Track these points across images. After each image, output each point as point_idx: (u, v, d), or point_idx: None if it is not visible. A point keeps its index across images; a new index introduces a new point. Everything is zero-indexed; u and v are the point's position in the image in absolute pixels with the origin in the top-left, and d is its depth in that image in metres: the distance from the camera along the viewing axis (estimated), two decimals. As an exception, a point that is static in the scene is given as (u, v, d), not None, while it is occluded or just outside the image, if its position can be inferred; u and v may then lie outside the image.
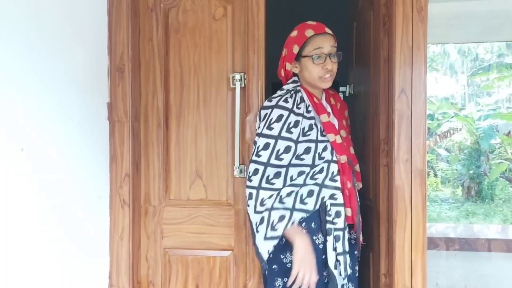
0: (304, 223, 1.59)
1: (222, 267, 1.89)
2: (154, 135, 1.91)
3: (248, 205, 1.56)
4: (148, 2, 1.91)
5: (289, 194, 1.57)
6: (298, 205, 1.58)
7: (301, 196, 1.59)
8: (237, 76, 1.83)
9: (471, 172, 9.94)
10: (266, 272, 1.66)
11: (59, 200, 1.55)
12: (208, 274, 1.89)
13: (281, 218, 1.53)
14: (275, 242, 1.52)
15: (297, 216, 1.57)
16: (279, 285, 1.60)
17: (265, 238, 1.52)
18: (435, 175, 11.54)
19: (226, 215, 1.88)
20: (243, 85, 1.84)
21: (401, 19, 1.65)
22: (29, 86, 1.40)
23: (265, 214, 1.52)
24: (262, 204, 1.54)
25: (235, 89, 1.84)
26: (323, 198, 1.59)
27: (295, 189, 1.58)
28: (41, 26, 1.46)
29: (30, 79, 1.40)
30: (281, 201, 1.55)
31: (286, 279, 1.58)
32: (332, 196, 1.60)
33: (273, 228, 1.51)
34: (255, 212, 1.55)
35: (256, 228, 1.54)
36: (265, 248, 1.53)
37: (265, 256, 1.53)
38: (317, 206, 1.59)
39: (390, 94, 1.71)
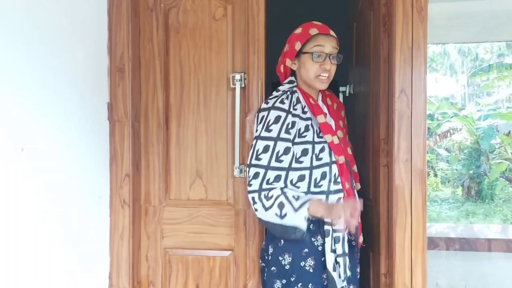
0: None
1: (222, 267, 1.89)
2: (154, 135, 1.91)
3: (256, 210, 1.53)
4: (148, 2, 1.91)
5: (296, 197, 1.54)
6: None
7: None
8: (237, 76, 1.83)
9: (471, 172, 9.95)
10: (265, 274, 1.66)
11: (59, 200, 1.55)
12: (208, 274, 1.89)
13: (298, 195, 1.53)
14: (307, 204, 1.49)
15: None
16: (278, 287, 1.60)
17: (296, 210, 1.49)
18: (435, 175, 11.55)
19: (226, 215, 1.88)
20: (243, 85, 1.84)
21: (401, 19, 1.65)
22: (29, 86, 1.40)
23: (281, 199, 1.50)
24: (268, 198, 1.51)
25: (235, 89, 1.84)
26: None
27: (301, 194, 1.56)
28: (41, 26, 1.45)
29: (30, 79, 1.40)
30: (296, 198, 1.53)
31: (285, 280, 1.58)
32: (338, 201, 1.59)
33: (298, 199, 1.50)
34: (267, 209, 1.51)
35: (281, 215, 1.49)
36: (301, 217, 1.49)
37: (305, 225, 1.49)
38: None
39: (390, 94, 1.71)
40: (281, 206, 1.50)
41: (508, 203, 9.63)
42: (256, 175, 1.53)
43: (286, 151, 1.55)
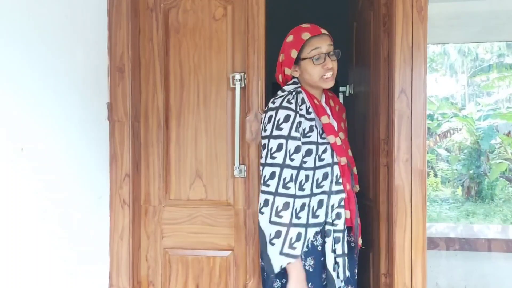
0: None
1: (222, 267, 1.89)
2: (154, 135, 1.91)
3: (262, 212, 1.53)
4: (148, 2, 1.91)
5: (302, 207, 1.55)
6: (311, 220, 1.57)
7: (313, 208, 1.58)
8: (237, 76, 1.83)
9: (471, 172, 9.95)
10: (265, 273, 1.66)
11: (59, 200, 1.55)
12: (208, 274, 1.89)
13: (299, 236, 1.52)
14: (292, 260, 1.50)
15: (311, 232, 1.57)
16: (277, 287, 1.60)
17: (281, 253, 1.50)
18: (435, 175, 11.55)
19: (226, 215, 1.88)
20: (243, 85, 1.84)
21: (401, 19, 1.65)
22: (29, 86, 1.40)
23: (283, 230, 1.49)
24: (278, 215, 1.50)
25: (235, 89, 1.84)
26: (332, 206, 1.59)
27: (306, 200, 1.57)
28: (41, 26, 1.46)
29: (30, 79, 1.40)
30: (297, 216, 1.54)
31: (285, 280, 1.58)
32: (340, 201, 1.60)
33: (291, 246, 1.50)
34: (270, 222, 1.51)
35: (270, 240, 1.51)
36: (279, 262, 1.51)
37: (277, 270, 1.51)
38: (328, 216, 1.59)
39: (390, 94, 1.71)
40: (277, 234, 1.50)
41: (508, 203, 9.63)
42: (272, 175, 1.53)
43: (297, 149, 1.55)
